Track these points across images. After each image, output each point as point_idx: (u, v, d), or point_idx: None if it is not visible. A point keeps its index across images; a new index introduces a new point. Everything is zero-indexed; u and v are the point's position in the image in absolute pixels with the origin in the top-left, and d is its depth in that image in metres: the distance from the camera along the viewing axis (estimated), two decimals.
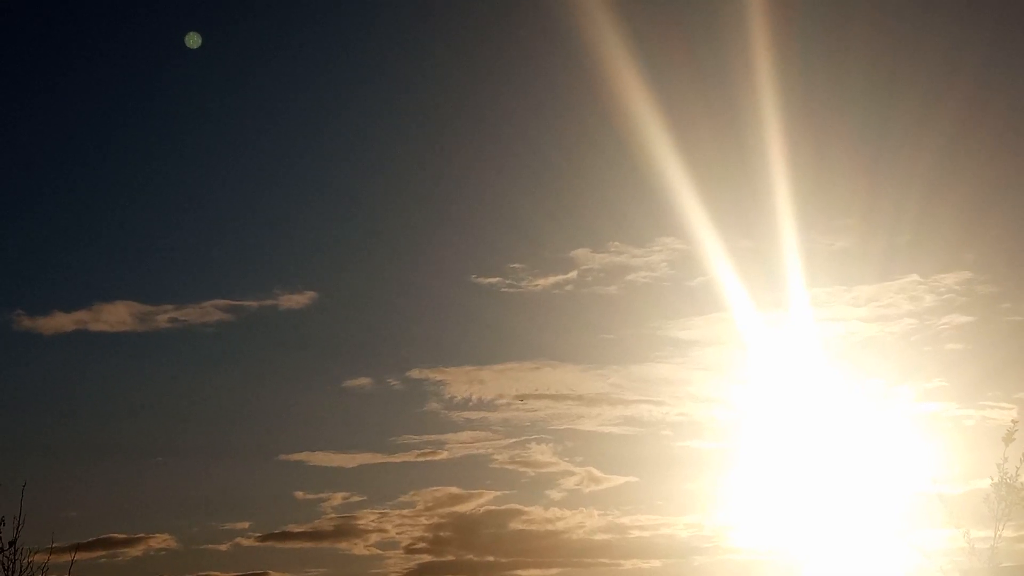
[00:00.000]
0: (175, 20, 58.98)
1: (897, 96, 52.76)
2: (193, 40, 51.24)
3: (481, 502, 60.53)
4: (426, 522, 60.02)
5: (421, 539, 59.19)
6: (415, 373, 61.11)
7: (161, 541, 56.83)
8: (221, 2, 61.16)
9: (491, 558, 59.82)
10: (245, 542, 58.53)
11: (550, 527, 59.07)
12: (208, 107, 63.07)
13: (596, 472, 59.76)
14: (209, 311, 58.59)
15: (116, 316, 57.73)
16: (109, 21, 60.62)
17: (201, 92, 62.52)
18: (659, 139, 44.22)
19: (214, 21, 58.96)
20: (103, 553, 54.28)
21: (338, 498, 59.64)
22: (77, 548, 26.20)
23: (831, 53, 52.04)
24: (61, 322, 57.04)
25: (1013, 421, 21.35)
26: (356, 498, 60.10)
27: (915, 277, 56.95)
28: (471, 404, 60.21)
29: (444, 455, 60.14)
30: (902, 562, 22.50)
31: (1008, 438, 21.36)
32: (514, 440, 59.91)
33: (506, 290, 60.28)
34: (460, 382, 60.74)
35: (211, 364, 62.15)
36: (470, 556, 60.17)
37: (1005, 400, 53.67)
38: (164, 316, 58.52)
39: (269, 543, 58.62)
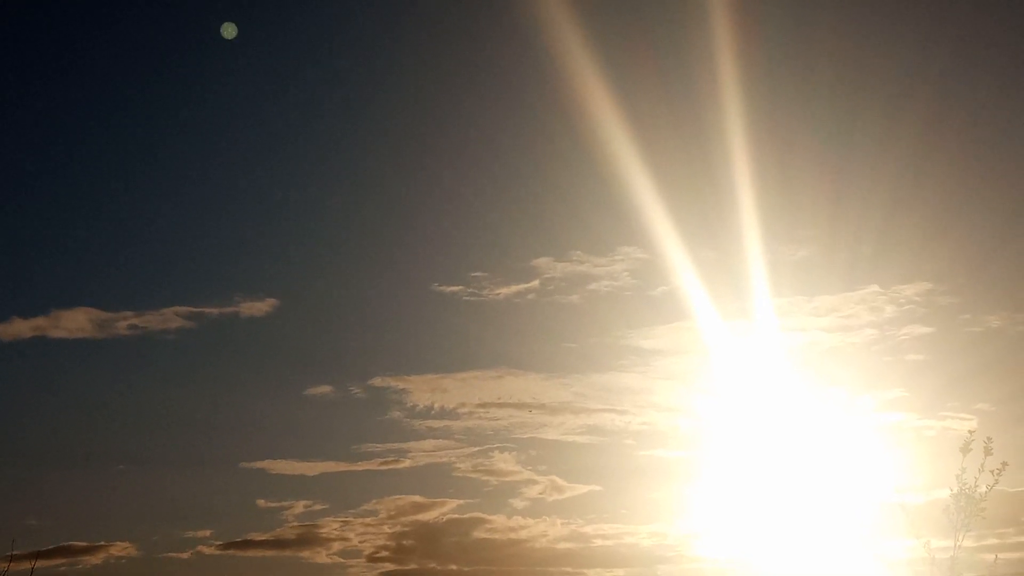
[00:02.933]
0: (137, 27, 58.75)
1: (861, 108, 53.26)
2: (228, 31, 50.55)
3: (444, 511, 60.42)
4: (389, 530, 59.83)
5: (384, 547, 58.99)
6: (377, 381, 60.95)
7: (122, 549, 56.31)
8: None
9: (454, 567, 59.71)
10: (207, 550, 58.08)
11: (513, 536, 59.05)
12: (168, 114, 62.75)
13: (559, 481, 59.81)
14: (169, 318, 58.18)
15: (75, 323, 57.19)
16: (79, 27, 60.23)
17: (162, 101, 62.20)
18: (622, 148, 44.37)
19: (181, 28, 58.78)
20: (63, 561, 53.68)
21: (300, 506, 59.33)
22: (37, 556, 26.01)
23: (795, 64, 52.44)
24: (19, 328, 56.43)
25: (970, 432, 21.46)
26: (318, 506, 59.82)
27: (875, 288, 57.42)
28: (433, 412, 60.11)
29: (407, 463, 59.99)
30: (865, 571, 22.58)
31: (965, 448, 21.46)
32: (477, 448, 59.86)
33: (468, 298, 60.24)
34: (422, 390, 60.63)
35: (172, 371, 61.73)
36: (433, 564, 60.02)
37: (965, 411, 54.17)
38: (124, 323, 58.07)
39: (231, 551, 58.22)
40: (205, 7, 59.53)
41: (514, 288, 59.91)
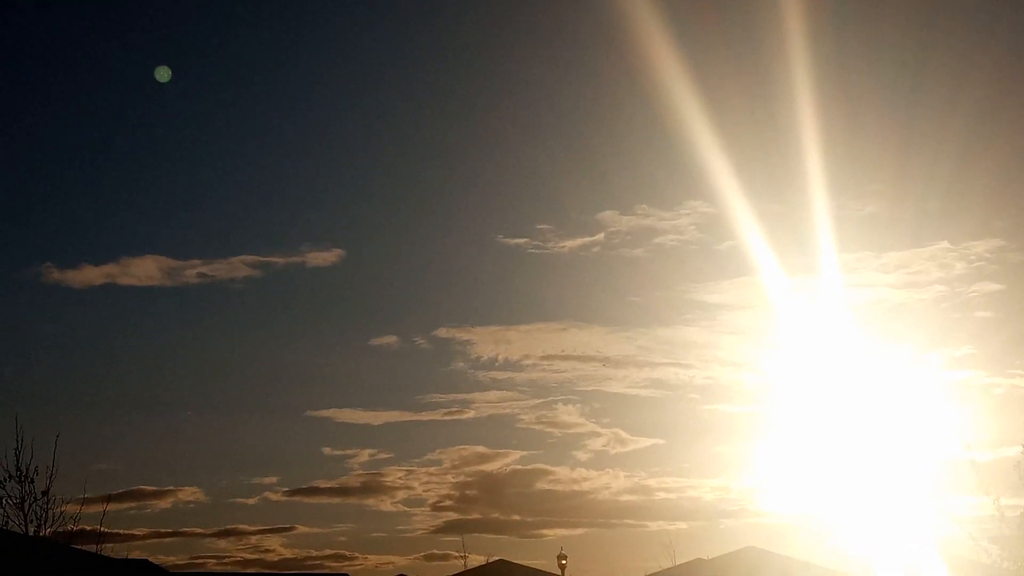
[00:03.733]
0: None
1: (929, 62, 52.41)
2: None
3: (507, 461, 61.05)
4: (452, 480, 60.62)
5: (447, 497, 59.81)
6: (442, 332, 61.50)
7: (190, 494, 57.65)
8: None
9: (517, 517, 60.41)
10: (273, 496, 59.30)
11: (576, 487, 59.55)
12: (244, 67, 63.38)
13: (623, 434, 60.13)
14: (237, 267, 59.05)
15: (144, 270, 58.27)
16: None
17: (239, 53, 62.86)
18: (688, 102, 44.02)
19: None
20: (133, 505, 55.11)
21: (365, 455, 60.26)
22: (108, 499, 26.70)
23: (864, 17, 51.66)
24: (90, 275, 57.68)
25: None
26: (383, 455, 60.72)
27: (945, 244, 56.74)
28: (498, 364, 60.57)
29: (470, 414, 60.64)
30: (932, 528, 22.65)
31: None
32: (540, 401, 60.31)
33: (533, 251, 60.47)
34: (487, 342, 61.10)
35: (239, 320, 62.79)
36: (496, 515, 60.78)
37: None
38: (192, 271, 59.04)
39: (297, 498, 59.38)
40: None
41: (579, 241, 60.03)
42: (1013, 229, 56.80)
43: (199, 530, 56.39)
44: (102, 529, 25.80)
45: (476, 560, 50.96)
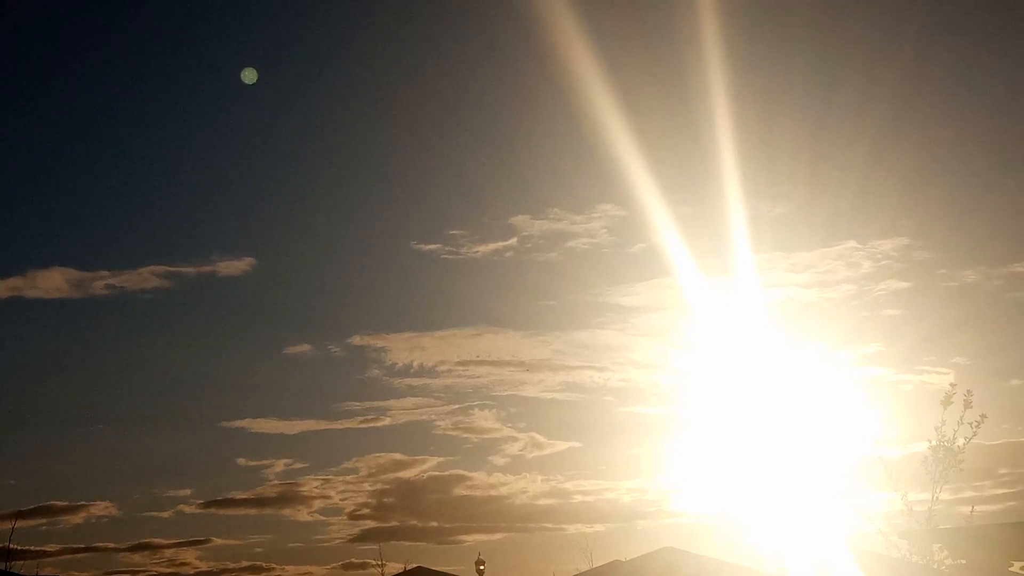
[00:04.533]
0: None
1: (840, 64, 53.17)
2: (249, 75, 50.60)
3: (424, 468, 60.66)
4: (370, 488, 60.07)
5: (365, 505, 59.26)
6: (356, 340, 60.93)
7: (102, 508, 56.40)
8: None
9: (435, 523, 60.03)
10: (187, 509, 58.23)
11: (493, 492, 59.37)
12: (143, 69, 62.19)
13: (539, 438, 60.09)
14: (146, 277, 57.91)
15: (51, 283, 56.93)
16: None
17: (137, 55, 61.63)
18: (600, 105, 44.07)
19: None
20: (44, 520, 53.83)
21: (280, 465, 59.45)
22: (17, 516, 26.02)
23: (777, 21, 52.27)
24: None
25: (952, 385, 21.72)
26: (299, 465, 59.97)
27: (853, 243, 57.64)
28: (413, 370, 60.18)
29: (387, 421, 60.15)
30: (843, 524, 22.86)
31: (946, 402, 21.75)
32: (457, 406, 60.04)
33: (446, 257, 60.17)
34: (401, 348, 60.66)
35: (150, 331, 61.57)
36: (414, 522, 60.34)
37: (942, 365, 54.66)
38: (100, 283, 57.80)
39: (211, 510, 58.40)
40: None
41: (492, 246, 59.87)
42: (919, 227, 57.94)
43: (112, 545, 55.26)
44: (12, 546, 25.12)
45: (394, 568, 50.51)
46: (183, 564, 54.65)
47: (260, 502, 58.57)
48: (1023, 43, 55.60)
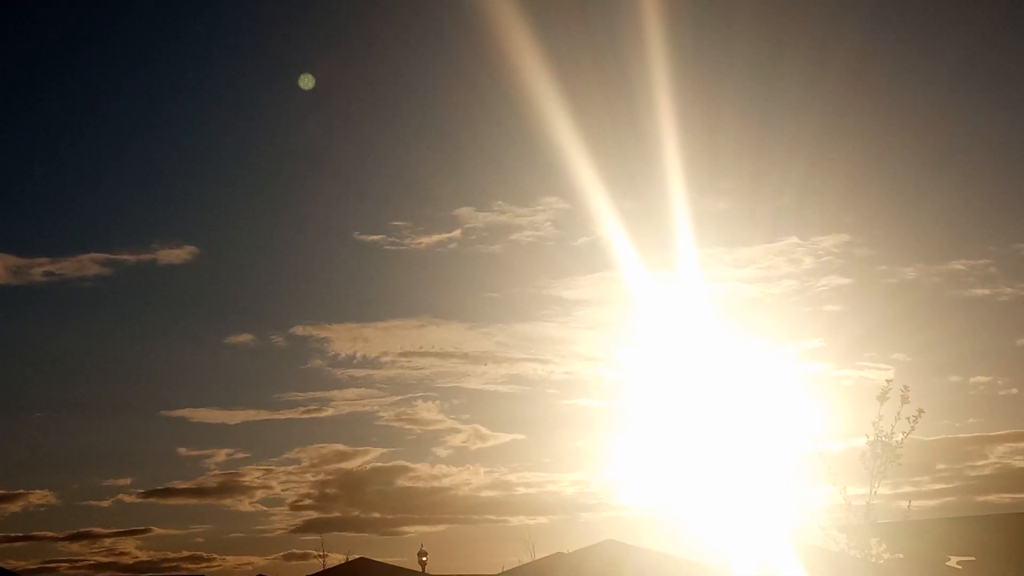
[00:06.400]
0: None
1: (783, 62, 53.78)
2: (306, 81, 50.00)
3: (367, 459, 60.64)
4: (312, 479, 59.96)
5: (307, 496, 59.17)
6: (298, 330, 60.75)
7: (41, 497, 55.80)
8: None
9: (377, 515, 60.05)
10: (127, 498, 57.78)
11: (436, 484, 59.50)
12: (82, 56, 61.38)
13: (482, 430, 60.29)
14: (86, 264, 57.27)
15: None
16: None
17: (73, 40, 60.80)
18: (545, 98, 44.29)
19: None
20: None
21: (222, 455, 59.14)
22: None
23: (720, 17, 52.73)
24: None
25: (888, 381, 21.99)
26: (240, 455, 59.71)
27: (795, 239, 58.42)
28: (356, 361, 60.07)
29: (329, 412, 60.02)
30: (784, 518, 23.08)
31: (883, 397, 22.00)
32: (399, 398, 60.05)
33: (389, 248, 60.15)
34: (344, 339, 60.55)
35: (89, 319, 60.96)
36: (356, 513, 60.31)
37: (882, 361, 55.56)
38: (39, 269, 57.11)
39: (152, 499, 58.02)
40: None
41: (436, 237, 59.90)
42: (859, 224, 58.86)
43: (51, 534, 54.80)
44: None
45: (336, 559, 50.54)
46: (122, 554, 54.33)
47: (201, 492, 58.30)
48: (963, 43, 56.56)
